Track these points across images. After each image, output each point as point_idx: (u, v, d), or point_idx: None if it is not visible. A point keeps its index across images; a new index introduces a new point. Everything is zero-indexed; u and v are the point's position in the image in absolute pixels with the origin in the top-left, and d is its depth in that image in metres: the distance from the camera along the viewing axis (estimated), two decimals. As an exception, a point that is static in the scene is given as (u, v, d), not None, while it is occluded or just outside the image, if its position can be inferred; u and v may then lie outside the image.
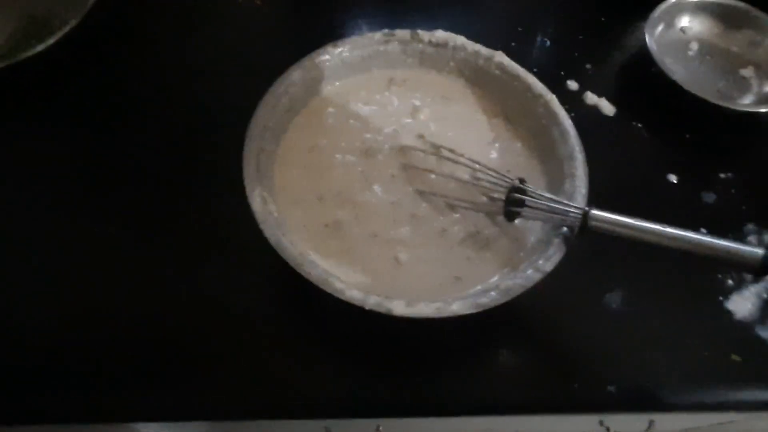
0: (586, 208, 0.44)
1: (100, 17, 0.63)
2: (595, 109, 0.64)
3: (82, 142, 0.60)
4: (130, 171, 0.57)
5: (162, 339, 0.49)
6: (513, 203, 0.47)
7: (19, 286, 0.51)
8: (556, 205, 0.45)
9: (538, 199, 0.47)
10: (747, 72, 0.66)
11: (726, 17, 0.68)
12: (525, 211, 0.47)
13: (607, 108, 0.64)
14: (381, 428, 0.54)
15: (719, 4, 0.68)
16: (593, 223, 0.43)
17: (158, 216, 0.55)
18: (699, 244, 0.40)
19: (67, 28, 0.61)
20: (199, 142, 0.59)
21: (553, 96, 0.53)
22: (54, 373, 0.47)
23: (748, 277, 0.53)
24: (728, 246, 0.40)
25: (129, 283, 0.51)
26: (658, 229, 0.41)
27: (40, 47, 0.59)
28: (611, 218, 0.43)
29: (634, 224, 0.42)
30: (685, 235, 0.41)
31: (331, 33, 0.68)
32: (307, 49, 0.55)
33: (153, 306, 0.50)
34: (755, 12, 0.66)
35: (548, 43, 0.69)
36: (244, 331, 0.49)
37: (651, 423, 0.57)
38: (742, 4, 0.67)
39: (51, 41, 0.60)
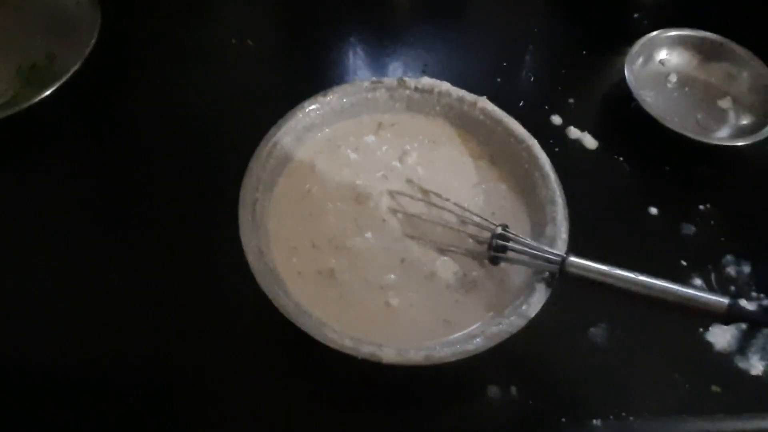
0: (564, 255, 0.46)
1: (99, 62, 0.65)
2: (578, 144, 0.66)
3: (82, 183, 0.62)
4: (127, 212, 0.60)
5: (150, 383, 0.51)
6: (496, 249, 0.50)
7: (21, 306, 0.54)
8: (537, 252, 0.48)
9: (519, 244, 0.49)
10: (725, 103, 0.68)
11: (703, 50, 0.70)
12: (508, 255, 0.50)
13: (590, 142, 0.66)
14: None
15: (696, 37, 0.70)
16: (571, 269, 0.46)
17: (154, 258, 0.57)
18: (669, 292, 0.43)
19: (68, 74, 0.63)
20: (196, 181, 0.61)
21: (535, 141, 0.55)
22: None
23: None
24: (696, 295, 0.42)
25: (122, 324, 0.53)
26: (631, 278, 0.44)
27: (43, 94, 0.61)
28: (587, 265, 0.45)
29: (608, 272, 0.44)
30: (657, 284, 0.43)
31: (322, 74, 0.71)
32: (299, 90, 0.58)
33: (142, 347, 0.52)
34: (732, 45, 0.68)
35: (532, 78, 0.72)
36: (236, 377, 0.51)
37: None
38: (718, 37, 0.69)
39: (54, 87, 0.62)
